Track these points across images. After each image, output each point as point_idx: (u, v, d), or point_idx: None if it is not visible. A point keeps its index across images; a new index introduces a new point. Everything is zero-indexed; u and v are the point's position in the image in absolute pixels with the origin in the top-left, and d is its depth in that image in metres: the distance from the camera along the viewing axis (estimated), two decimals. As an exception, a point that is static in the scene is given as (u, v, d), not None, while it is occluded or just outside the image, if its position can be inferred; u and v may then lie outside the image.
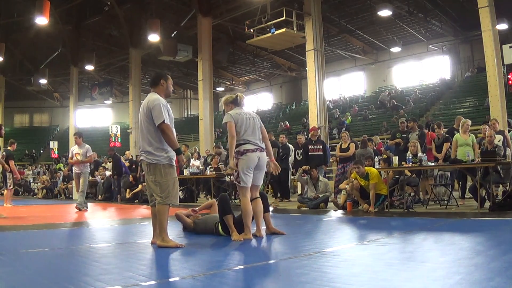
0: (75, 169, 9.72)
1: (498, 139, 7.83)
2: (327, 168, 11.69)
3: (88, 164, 9.97)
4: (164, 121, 4.22)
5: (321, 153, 9.89)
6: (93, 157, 10.13)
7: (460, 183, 8.34)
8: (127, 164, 14.50)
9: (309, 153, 10.00)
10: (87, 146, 9.73)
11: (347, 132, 10.93)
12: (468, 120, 8.47)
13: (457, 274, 2.86)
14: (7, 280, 2.97)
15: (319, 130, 10.72)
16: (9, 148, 10.32)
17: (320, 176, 9.09)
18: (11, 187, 10.71)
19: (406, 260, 3.48)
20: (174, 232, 5.12)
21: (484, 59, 12.87)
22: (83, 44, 25.55)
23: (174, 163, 4.38)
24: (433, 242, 4.47)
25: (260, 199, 4.90)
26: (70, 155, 9.78)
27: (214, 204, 5.50)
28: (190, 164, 12.99)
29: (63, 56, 25.76)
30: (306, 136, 12.48)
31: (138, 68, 23.77)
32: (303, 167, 9.56)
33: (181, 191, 12.55)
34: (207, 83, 19.36)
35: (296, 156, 10.65)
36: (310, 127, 13.06)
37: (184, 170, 12.19)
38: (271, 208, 8.87)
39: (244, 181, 4.73)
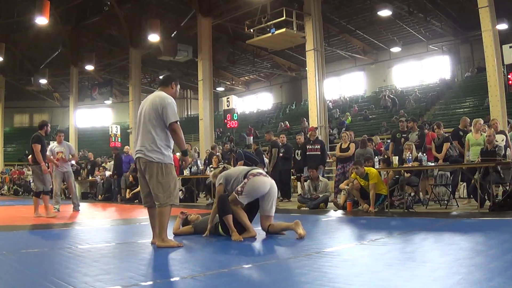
0: (59, 169, 9.38)
1: (502, 139, 7.78)
2: (327, 168, 11.71)
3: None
4: (177, 121, 4.23)
5: (319, 153, 9.90)
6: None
7: (465, 183, 8.31)
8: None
9: (307, 153, 10.03)
10: (68, 143, 9.66)
11: (347, 132, 10.94)
12: (479, 119, 8.38)
13: (457, 274, 2.86)
14: (7, 280, 2.97)
15: (317, 130, 10.73)
16: None
17: (320, 176, 9.09)
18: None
19: (406, 260, 3.48)
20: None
21: (484, 59, 12.88)
22: (83, 44, 25.57)
23: (173, 162, 4.39)
24: (433, 242, 4.47)
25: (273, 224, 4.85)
26: (50, 154, 9.23)
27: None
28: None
29: (63, 56, 25.78)
30: (306, 136, 12.48)
31: (138, 68, 23.78)
32: (303, 177, 9.55)
33: (181, 191, 12.55)
34: (207, 83, 19.36)
35: (296, 156, 10.66)
36: (309, 127, 13.10)
37: (184, 170, 12.19)
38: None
39: (244, 198, 4.67)
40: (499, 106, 11.92)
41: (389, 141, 11.14)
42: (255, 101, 35.47)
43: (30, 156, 9.09)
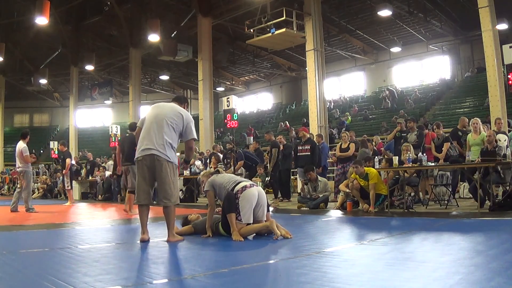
0: (28, 169, 9.43)
1: (504, 139, 7.75)
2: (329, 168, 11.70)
3: None
4: (194, 138, 4.74)
5: (309, 153, 9.84)
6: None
7: (464, 184, 8.29)
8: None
9: (298, 154, 10.00)
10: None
11: (347, 132, 10.92)
12: (476, 119, 8.35)
13: (457, 274, 2.86)
14: (7, 280, 2.97)
15: (305, 131, 10.60)
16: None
17: (318, 176, 9.07)
18: (69, 187, 12.19)
19: (406, 260, 3.48)
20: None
21: (484, 59, 12.88)
22: (83, 44, 25.56)
23: None
24: (433, 242, 4.46)
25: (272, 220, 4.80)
26: (30, 154, 9.40)
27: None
28: (197, 164, 13.04)
29: (63, 56, 25.76)
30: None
31: (138, 68, 23.78)
32: (302, 180, 9.53)
33: (181, 191, 12.54)
34: (207, 83, 19.37)
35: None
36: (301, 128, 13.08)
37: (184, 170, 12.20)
38: (271, 208, 8.84)
39: (246, 218, 4.68)
40: (499, 106, 11.92)
41: (387, 137, 11.14)
42: (255, 101, 35.47)
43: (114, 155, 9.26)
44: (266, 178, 11.09)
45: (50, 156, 29.95)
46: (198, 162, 13.43)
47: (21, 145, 9.41)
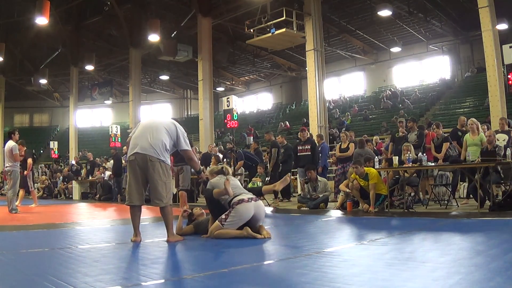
0: (15, 168, 9.29)
1: (503, 139, 7.76)
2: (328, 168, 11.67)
3: None
4: (189, 149, 4.79)
5: (309, 153, 9.83)
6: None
7: (464, 184, 8.29)
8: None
9: (298, 154, 9.99)
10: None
11: (346, 132, 10.91)
12: (472, 119, 8.36)
13: (457, 274, 2.86)
14: (7, 280, 2.97)
15: (307, 131, 10.59)
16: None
17: (318, 176, 9.07)
18: (32, 188, 11.59)
19: (406, 260, 3.48)
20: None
21: (484, 59, 12.88)
22: (83, 44, 25.56)
23: None
24: (433, 242, 4.46)
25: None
26: (18, 153, 9.22)
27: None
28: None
29: (63, 56, 25.76)
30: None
31: (138, 68, 23.77)
32: (302, 180, 9.52)
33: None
34: (207, 83, 19.37)
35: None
36: (307, 128, 13.05)
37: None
38: (271, 208, 8.86)
39: (228, 226, 4.60)
40: (499, 106, 11.92)
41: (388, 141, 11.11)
42: (255, 101, 35.47)
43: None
44: (266, 178, 11.09)
45: (50, 156, 29.99)
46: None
47: (11, 143, 9.27)
